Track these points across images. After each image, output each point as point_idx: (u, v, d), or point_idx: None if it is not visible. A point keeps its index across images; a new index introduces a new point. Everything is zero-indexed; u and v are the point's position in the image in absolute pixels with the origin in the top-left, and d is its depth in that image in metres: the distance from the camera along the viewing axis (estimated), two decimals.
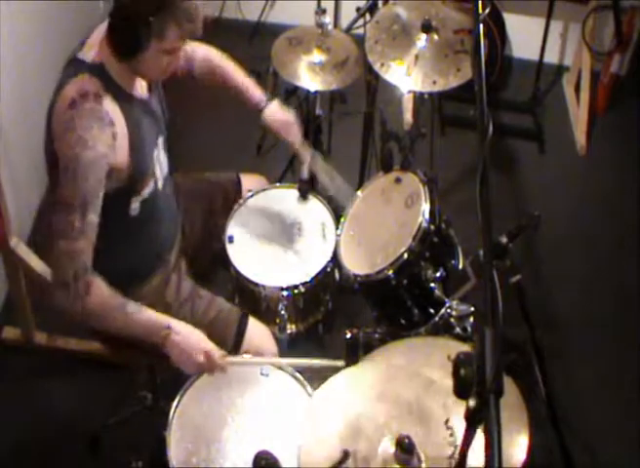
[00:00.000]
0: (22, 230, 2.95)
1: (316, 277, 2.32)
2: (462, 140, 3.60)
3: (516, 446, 1.63)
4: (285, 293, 2.31)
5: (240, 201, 2.46)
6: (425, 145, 2.96)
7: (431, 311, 2.25)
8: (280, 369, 2.01)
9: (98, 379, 2.78)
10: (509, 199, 3.48)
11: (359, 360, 1.80)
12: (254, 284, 2.31)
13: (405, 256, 2.18)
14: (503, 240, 1.99)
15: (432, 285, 2.24)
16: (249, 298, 2.37)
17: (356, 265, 2.29)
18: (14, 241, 2.61)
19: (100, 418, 2.60)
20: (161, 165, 2.11)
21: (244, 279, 2.31)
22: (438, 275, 2.25)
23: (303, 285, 2.30)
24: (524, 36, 3.99)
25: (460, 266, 2.30)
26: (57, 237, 1.81)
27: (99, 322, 1.92)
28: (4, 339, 2.92)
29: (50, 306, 1.88)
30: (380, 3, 2.77)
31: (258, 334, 2.19)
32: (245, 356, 2.10)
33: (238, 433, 1.89)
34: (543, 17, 3.63)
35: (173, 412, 1.90)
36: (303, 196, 2.49)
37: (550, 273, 3.22)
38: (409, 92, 2.58)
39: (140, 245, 2.14)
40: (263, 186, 2.53)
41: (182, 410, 1.92)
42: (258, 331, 2.21)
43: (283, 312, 2.34)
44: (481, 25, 1.63)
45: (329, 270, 2.36)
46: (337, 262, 2.35)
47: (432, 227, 2.20)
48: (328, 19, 2.63)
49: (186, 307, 2.17)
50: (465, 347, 1.82)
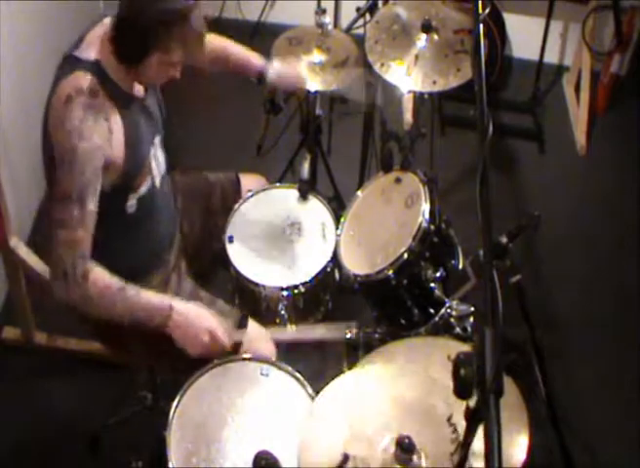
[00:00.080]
0: (22, 230, 2.95)
1: (316, 277, 2.32)
2: (462, 140, 3.60)
3: (516, 446, 1.63)
4: (285, 293, 2.31)
5: (240, 201, 2.46)
6: (425, 145, 2.96)
7: (431, 311, 2.25)
8: (280, 369, 2.01)
9: (98, 379, 2.78)
10: (509, 199, 3.48)
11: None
12: (254, 284, 2.31)
13: (405, 256, 2.18)
14: (503, 240, 1.99)
15: (432, 285, 2.24)
16: (249, 298, 2.37)
17: (356, 265, 2.29)
18: (14, 241, 2.61)
19: (100, 418, 2.60)
20: (158, 163, 2.11)
21: (244, 279, 2.31)
22: (438, 275, 2.25)
23: (303, 285, 2.30)
24: (524, 36, 3.99)
25: (460, 266, 2.30)
26: (55, 227, 1.81)
27: (99, 308, 1.89)
28: (4, 339, 2.92)
29: (50, 304, 1.88)
30: (380, 3, 2.77)
31: (257, 336, 2.19)
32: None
33: (238, 433, 1.88)
34: (543, 17, 3.63)
35: (173, 412, 1.90)
36: (303, 196, 2.49)
37: (550, 273, 3.22)
38: (409, 92, 2.58)
39: (138, 243, 2.14)
40: (263, 186, 2.53)
41: (182, 410, 1.91)
42: (257, 332, 2.21)
43: (283, 312, 2.34)
44: (481, 25, 1.63)
45: (329, 270, 2.36)
46: (337, 262, 2.35)
47: (432, 227, 2.20)
48: (328, 19, 2.63)
49: None
50: (465, 347, 1.82)
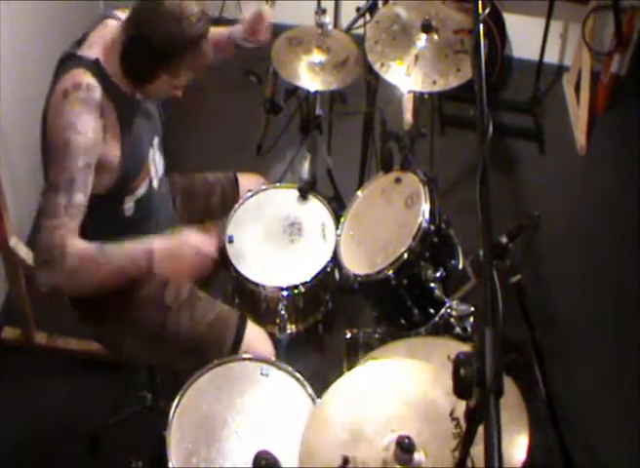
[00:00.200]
0: (22, 230, 2.95)
1: (316, 277, 2.32)
2: (462, 140, 3.60)
3: (516, 446, 1.63)
4: (285, 293, 2.31)
5: (240, 201, 2.46)
6: (425, 145, 2.96)
7: (431, 311, 2.25)
8: (280, 369, 2.01)
9: (98, 379, 2.78)
10: (509, 199, 3.48)
11: None
12: (254, 284, 2.31)
13: (405, 256, 2.18)
14: (503, 240, 1.99)
15: (432, 285, 2.24)
16: (249, 298, 2.37)
17: (356, 265, 2.29)
18: (13, 241, 2.62)
19: (100, 418, 2.60)
20: (156, 165, 2.11)
21: (244, 279, 2.31)
22: (438, 275, 2.25)
23: (303, 285, 2.30)
24: (524, 36, 3.99)
25: (460, 266, 2.30)
26: (41, 216, 1.80)
27: (85, 279, 1.84)
28: (4, 339, 2.92)
29: (50, 303, 1.87)
30: (380, 3, 2.77)
31: (255, 337, 2.20)
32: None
33: (238, 433, 1.89)
34: (543, 17, 3.63)
35: (173, 412, 1.90)
36: (303, 196, 2.49)
37: (550, 273, 3.22)
38: (409, 92, 2.57)
39: None
40: (261, 185, 2.53)
41: (182, 410, 1.91)
42: (255, 333, 2.21)
43: (283, 312, 2.33)
44: (481, 25, 1.63)
45: (329, 270, 2.36)
46: (337, 262, 2.35)
47: (432, 227, 2.20)
48: (328, 19, 2.63)
49: (185, 309, 2.17)
50: (465, 347, 1.82)
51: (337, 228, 2.40)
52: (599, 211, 3.48)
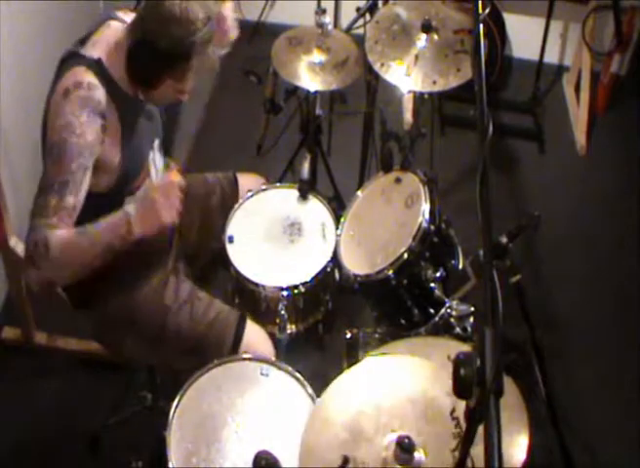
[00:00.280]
0: (22, 230, 2.93)
1: (316, 277, 2.32)
2: (462, 140, 3.60)
3: (516, 446, 1.63)
4: (285, 293, 2.31)
5: (240, 201, 2.46)
6: (425, 145, 2.96)
7: (431, 311, 2.25)
8: (280, 369, 2.01)
9: (98, 379, 2.78)
10: (509, 199, 3.48)
11: None
12: (254, 284, 2.31)
13: (405, 256, 2.18)
14: (503, 240, 2.00)
15: (432, 285, 2.24)
16: (249, 298, 2.37)
17: (356, 265, 2.29)
18: (13, 241, 2.62)
19: (100, 418, 2.60)
20: (156, 166, 2.11)
21: (244, 279, 2.31)
22: (438, 275, 2.25)
23: (303, 285, 2.30)
24: (524, 36, 3.99)
25: (460, 266, 2.30)
26: (31, 215, 1.81)
27: (72, 265, 1.83)
28: (4, 339, 2.92)
29: (49, 302, 1.88)
30: (380, 3, 2.77)
31: (255, 336, 2.20)
32: None
33: (238, 433, 1.89)
34: (543, 17, 3.63)
35: (173, 412, 1.90)
36: (303, 196, 2.49)
37: (550, 273, 3.22)
38: (409, 92, 2.57)
39: (136, 245, 2.13)
40: (261, 185, 2.53)
41: (182, 410, 1.91)
42: (255, 333, 2.21)
43: (283, 312, 2.33)
44: (481, 25, 1.63)
45: (329, 270, 2.36)
46: (337, 262, 2.35)
47: (432, 227, 2.20)
48: (328, 19, 2.63)
49: (185, 309, 2.17)
50: (465, 347, 1.83)
51: (337, 228, 2.40)
52: (599, 211, 3.49)
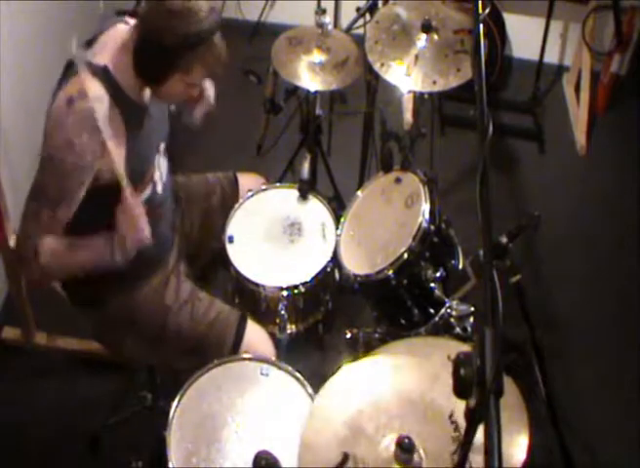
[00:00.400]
0: None
1: (316, 277, 2.32)
2: (462, 140, 3.60)
3: (516, 446, 1.63)
4: (285, 293, 2.31)
5: (240, 201, 2.46)
6: (425, 145, 2.96)
7: (431, 311, 2.25)
8: (280, 368, 2.01)
9: (98, 379, 2.78)
10: (509, 199, 3.49)
11: None
12: (254, 284, 2.31)
13: (405, 256, 2.18)
14: (503, 240, 2.00)
15: (432, 285, 2.24)
16: (249, 298, 2.37)
17: (356, 265, 2.29)
18: (13, 241, 2.61)
19: (100, 418, 2.60)
20: (161, 170, 2.11)
21: (244, 279, 2.31)
22: (438, 275, 2.25)
23: (303, 285, 2.30)
24: (524, 36, 3.99)
25: (460, 266, 2.30)
26: (23, 217, 1.90)
27: (62, 272, 1.98)
28: (4, 339, 2.92)
29: (49, 302, 1.89)
30: (380, 3, 2.77)
31: (256, 336, 2.20)
32: None
33: (238, 433, 1.89)
34: (543, 17, 3.63)
35: (173, 412, 1.90)
36: (303, 196, 2.49)
37: (550, 273, 3.22)
38: (409, 92, 2.57)
39: None
40: (261, 185, 2.53)
41: (182, 410, 1.91)
42: (256, 333, 2.21)
43: (283, 312, 2.34)
44: (481, 25, 1.63)
45: (329, 270, 2.36)
46: (337, 262, 2.35)
47: (432, 227, 2.20)
48: (328, 19, 2.63)
49: (186, 309, 2.17)
50: (465, 347, 1.82)
51: (337, 228, 2.40)
52: (599, 211, 3.49)
